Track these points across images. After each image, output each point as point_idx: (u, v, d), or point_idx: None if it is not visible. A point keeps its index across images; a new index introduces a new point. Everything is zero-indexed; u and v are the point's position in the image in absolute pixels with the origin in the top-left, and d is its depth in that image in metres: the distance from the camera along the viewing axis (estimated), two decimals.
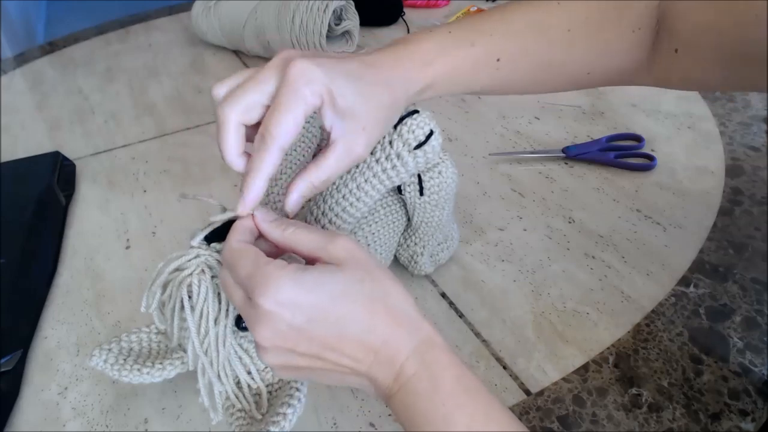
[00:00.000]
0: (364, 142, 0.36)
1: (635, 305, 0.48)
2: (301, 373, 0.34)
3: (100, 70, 0.97)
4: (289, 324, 0.31)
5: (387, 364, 0.32)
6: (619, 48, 0.42)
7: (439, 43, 0.40)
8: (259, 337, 0.32)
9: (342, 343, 0.31)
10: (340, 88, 0.34)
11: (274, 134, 0.33)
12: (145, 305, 0.38)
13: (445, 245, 0.51)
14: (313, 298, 0.31)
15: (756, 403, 0.40)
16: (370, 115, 0.36)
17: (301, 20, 0.82)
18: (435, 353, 0.32)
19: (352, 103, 0.35)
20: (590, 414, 0.41)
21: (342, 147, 0.36)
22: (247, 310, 0.33)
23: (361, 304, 0.32)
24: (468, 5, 1.04)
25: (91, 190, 0.69)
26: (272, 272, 0.31)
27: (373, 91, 0.36)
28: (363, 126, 0.36)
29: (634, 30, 0.42)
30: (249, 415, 0.39)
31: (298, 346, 0.32)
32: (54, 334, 0.51)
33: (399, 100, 0.39)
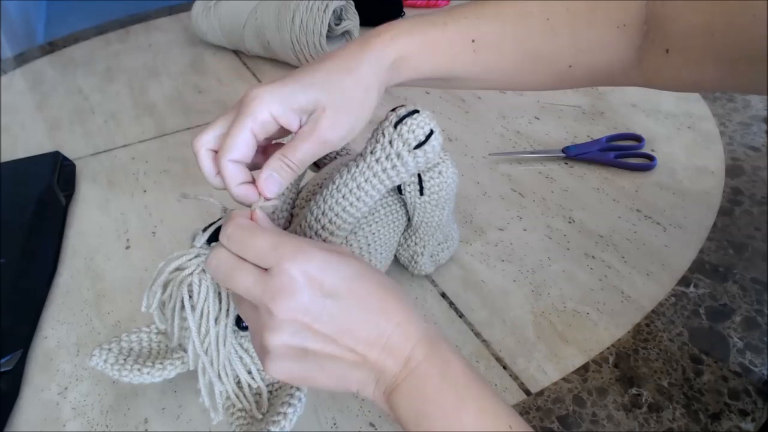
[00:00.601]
0: (328, 124, 0.37)
1: (635, 305, 0.48)
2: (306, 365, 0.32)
3: (100, 70, 0.97)
4: (313, 297, 0.31)
5: (397, 350, 0.32)
6: (603, 43, 0.42)
7: (411, 23, 0.41)
8: (281, 307, 0.31)
9: (359, 325, 0.32)
10: (292, 92, 0.37)
11: (223, 149, 0.36)
12: (146, 305, 0.38)
13: (445, 245, 0.51)
14: (338, 277, 0.32)
15: (756, 403, 0.40)
16: (332, 99, 0.37)
17: (301, 20, 0.82)
18: (441, 343, 0.33)
19: (306, 97, 0.37)
20: (590, 414, 0.41)
21: (306, 129, 0.37)
22: (262, 283, 0.31)
23: (376, 289, 0.33)
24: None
25: (91, 190, 0.69)
26: (303, 243, 0.32)
27: (332, 80, 0.38)
28: (323, 108, 0.37)
29: (618, 26, 0.41)
30: (249, 415, 0.39)
31: (315, 322, 0.31)
32: (54, 334, 0.51)
33: (364, 80, 0.39)
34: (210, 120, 0.42)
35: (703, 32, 0.38)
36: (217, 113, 0.82)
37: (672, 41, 0.40)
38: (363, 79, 0.39)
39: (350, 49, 0.40)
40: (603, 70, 0.43)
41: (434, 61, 0.42)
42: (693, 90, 0.63)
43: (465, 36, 0.42)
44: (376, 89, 0.40)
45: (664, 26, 0.40)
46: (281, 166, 0.37)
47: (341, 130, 0.38)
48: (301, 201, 0.49)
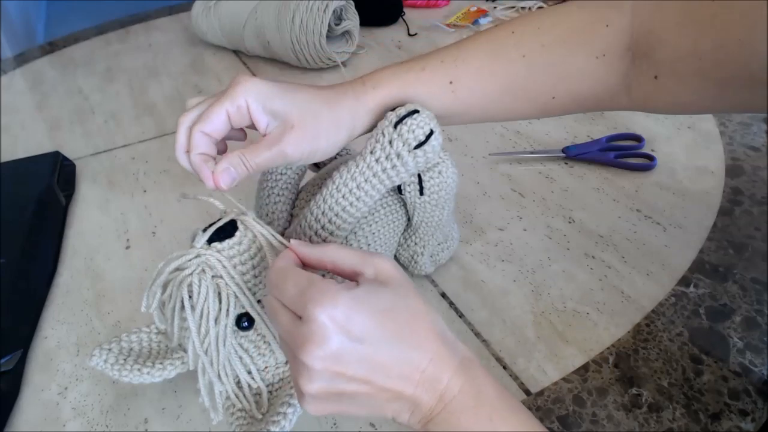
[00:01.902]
0: (292, 142, 0.39)
1: (635, 305, 0.48)
2: (342, 404, 0.32)
3: (100, 70, 0.97)
4: (342, 342, 0.30)
5: (432, 384, 0.31)
6: (584, 74, 0.42)
7: (391, 71, 0.43)
8: (310, 356, 0.30)
9: (391, 363, 0.31)
10: (273, 94, 0.39)
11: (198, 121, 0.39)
12: (146, 305, 0.38)
13: (445, 245, 0.51)
14: (365, 316, 0.31)
15: (756, 403, 0.40)
16: (304, 120, 0.39)
17: (301, 20, 0.82)
18: (476, 371, 0.32)
19: (283, 107, 0.39)
20: (590, 414, 0.41)
21: (270, 138, 0.39)
22: (295, 331, 0.31)
23: (407, 322, 0.32)
24: (468, 5, 1.04)
25: (91, 190, 0.69)
26: (329, 287, 0.31)
27: (311, 105, 0.40)
28: (292, 125, 0.39)
29: (597, 56, 0.41)
30: (249, 415, 0.39)
31: (348, 369, 0.31)
32: (54, 334, 0.51)
33: (339, 118, 0.41)
34: None
35: (691, 56, 0.37)
36: None
37: (660, 67, 0.39)
38: (338, 116, 0.41)
39: (339, 89, 0.43)
40: (589, 98, 0.43)
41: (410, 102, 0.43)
42: (686, 112, 0.62)
43: (442, 78, 0.43)
44: (347, 129, 0.42)
45: (651, 52, 0.39)
46: (239, 163, 0.39)
47: (301, 151, 0.40)
48: (301, 201, 0.49)
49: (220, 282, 0.36)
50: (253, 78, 0.39)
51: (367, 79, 0.43)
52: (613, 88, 0.42)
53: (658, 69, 0.39)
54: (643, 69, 0.40)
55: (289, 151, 0.39)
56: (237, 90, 0.39)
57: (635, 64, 0.41)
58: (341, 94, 0.42)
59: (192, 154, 0.39)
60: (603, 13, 0.41)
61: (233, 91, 0.39)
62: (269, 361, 0.40)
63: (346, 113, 0.42)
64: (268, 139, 0.39)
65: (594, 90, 0.43)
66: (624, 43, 0.40)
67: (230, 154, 0.39)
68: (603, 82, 0.42)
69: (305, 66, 0.88)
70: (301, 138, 0.39)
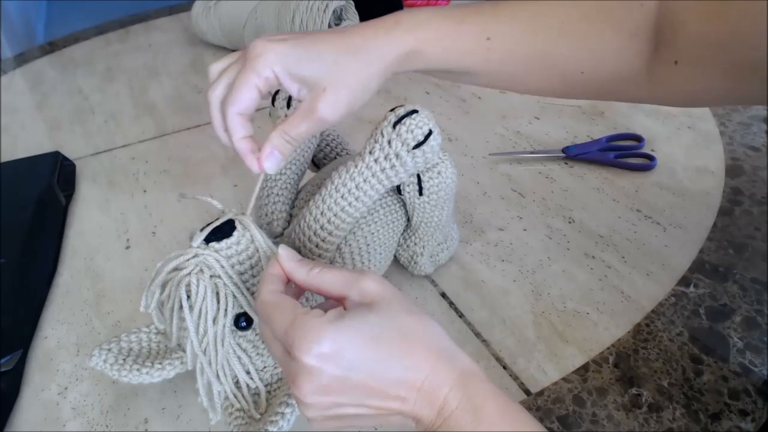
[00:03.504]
0: (328, 105, 0.38)
1: (635, 305, 0.48)
2: (345, 422, 0.32)
3: (100, 70, 0.97)
4: (332, 376, 0.30)
5: (430, 400, 0.31)
6: (615, 50, 0.41)
7: (427, 15, 0.41)
8: (302, 392, 0.31)
9: (385, 386, 0.31)
10: (297, 59, 0.38)
11: (229, 101, 0.39)
12: (144, 305, 0.38)
13: (445, 245, 0.51)
14: (353, 345, 0.30)
15: (756, 403, 0.40)
16: (334, 79, 0.38)
17: (301, 20, 0.82)
18: (475, 384, 0.32)
19: (310, 71, 0.38)
20: (590, 414, 0.41)
21: (305, 107, 0.38)
22: (287, 363, 0.32)
23: (398, 343, 0.31)
24: None
25: (91, 190, 0.69)
26: (311, 325, 0.31)
27: (339, 61, 0.38)
28: (324, 88, 0.38)
29: (631, 36, 0.40)
30: (248, 415, 0.39)
31: (341, 397, 0.31)
32: (54, 334, 0.51)
33: (371, 65, 0.39)
34: (210, 120, 0.42)
35: (711, 42, 0.37)
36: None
37: (681, 52, 0.39)
38: (370, 64, 0.39)
39: (364, 31, 0.40)
40: (614, 79, 0.42)
41: (446, 56, 0.42)
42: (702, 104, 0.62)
43: (480, 33, 0.41)
44: (380, 76, 0.40)
45: (673, 36, 0.39)
46: (282, 143, 0.39)
47: (339, 111, 0.39)
48: (300, 201, 0.49)
49: (218, 282, 0.36)
50: (272, 44, 0.38)
51: (401, 19, 0.41)
52: (637, 71, 0.41)
53: (679, 54, 0.39)
54: (665, 54, 0.40)
55: (326, 115, 0.38)
56: (260, 63, 0.37)
57: (658, 49, 0.40)
58: (370, 39, 0.40)
59: (233, 138, 0.39)
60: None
61: (256, 64, 0.38)
62: (267, 361, 0.40)
63: (379, 61, 0.40)
64: (303, 108, 0.39)
65: (620, 71, 0.42)
66: (652, 25, 0.40)
67: (272, 136, 0.39)
68: (629, 63, 0.41)
69: None
70: (335, 99, 0.38)
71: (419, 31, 0.40)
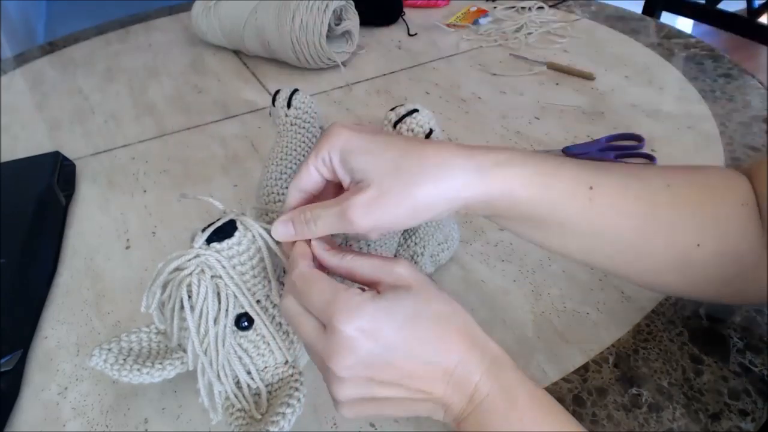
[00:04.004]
0: (359, 206, 0.33)
1: (635, 305, 0.48)
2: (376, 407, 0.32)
3: (100, 70, 0.97)
4: (371, 351, 0.30)
5: (462, 386, 0.31)
6: (731, 219, 0.36)
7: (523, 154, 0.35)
8: (339, 366, 0.30)
9: (420, 367, 0.31)
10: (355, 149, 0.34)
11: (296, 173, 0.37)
12: (145, 305, 0.38)
13: (445, 245, 0.51)
14: (391, 324, 0.31)
15: (756, 403, 0.40)
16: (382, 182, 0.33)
17: (301, 20, 0.82)
18: (506, 372, 0.32)
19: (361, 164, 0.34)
20: (590, 414, 0.41)
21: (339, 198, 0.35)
22: (321, 339, 0.32)
23: (434, 326, 0.32)
24: (468, 5, 1.04)
25: (91, 190, 0.69)
26: (353, 298, 0.31)
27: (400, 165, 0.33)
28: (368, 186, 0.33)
29: (742, 204, 0.36)
30: (248, 415, 0.39)
31: (378, 374, 0.31)
32: (54, 334, 0.51)
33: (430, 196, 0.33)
34: (210, 120, 0.42)
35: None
36: (217, 113, 0.83)
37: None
38: (435, 184, 0.33)
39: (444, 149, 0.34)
40: (732, 256, 0.36)
41: (540, 198, 0.34)
42: None
43: (581, 180, 0.35)
44: (443, 206, 0.34)
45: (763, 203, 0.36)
46: (300, 219, 0.36)
47: (372, 218, 0.33)
48: None
49: (220, 282, 0.36)
50: (342, 128, 0.35)
51: (491, 150, 0.34)
52: (755, 245, 0.36)
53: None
54: None
55: (354, 216, 0.33)
56: (323, 142, 0.35)
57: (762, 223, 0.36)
58: (450, 156, 0.33)
59: (285, 206, 0.38)
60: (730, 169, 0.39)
61: (320, 144, 0.35)
62: (268, 362, 0.40)
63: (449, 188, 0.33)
64: (338, 198, 0.34)
65: (739, 247, 0.36)
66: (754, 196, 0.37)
67: (298, 210, 0.36)
68: (748, 237, 0.36)
69: (305, 66, 0.88)
70: (373, 204, 0.33)
71: (510, 168, 0.34)
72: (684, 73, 0.79)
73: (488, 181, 0.33)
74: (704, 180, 0.38)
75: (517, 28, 0.95)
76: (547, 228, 0.36)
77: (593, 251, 0.37)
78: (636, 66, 0.82)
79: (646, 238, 0.36)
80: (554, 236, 0.37)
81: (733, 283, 0.37)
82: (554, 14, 0.99)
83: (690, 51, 0.84)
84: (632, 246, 0.36)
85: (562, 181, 0.35)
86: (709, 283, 0.37)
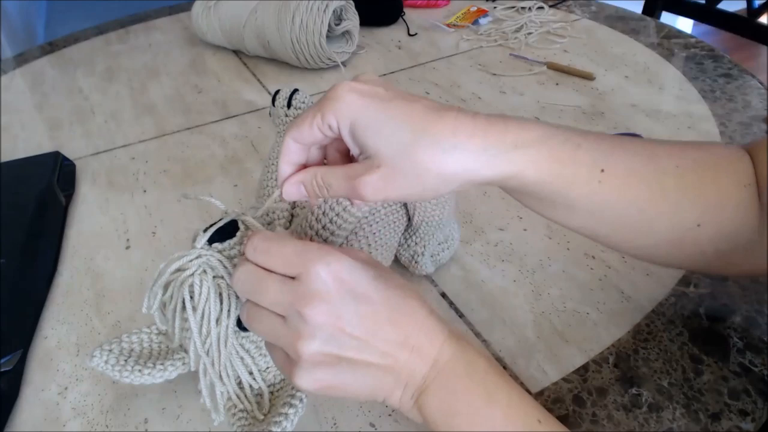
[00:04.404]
0: (372, 184, 0.33)
1: (635, 305, 0.48)
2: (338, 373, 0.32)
3: (100, 70, 0.97)
4: (344, 299, 0.31)
5: (425, 349, 0.32)
6: (733, 200, 0.37)
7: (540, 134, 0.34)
8: (313, 311, 0.30)
9: (387, 327, 0.32)
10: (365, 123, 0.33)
11: (290, 126, 0.36)
12: (147, 306, 0.38)
13: (445, 245, 0.51)
14: (365, 278, 0.32)
15: (756, 403, 0.40)
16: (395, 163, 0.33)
17: (301, 20, 0.82)
18: (464, 341, 0.34)
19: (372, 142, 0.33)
20: (590, 414, 0.41)
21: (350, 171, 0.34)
22: (291, 291, 0.31)
23: (400, 291, 0.33)
24: (468, 5, 1.04)
25: (91, 190, 0.69)
26: (328, 248, 0.32)
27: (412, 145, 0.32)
28: (378, 165, 0.33)
29: (745, 185, 0.37)
30: (251, 416, 0.39)
31: (348, 326, 0.31)
32: (54, 334, 0.51)
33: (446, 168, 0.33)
34: (210, 120, 0.42)
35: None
36: (217, 113, 0.83)
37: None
38: (447, 169, 0.33)
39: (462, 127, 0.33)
40: (729, 236, 0.37)
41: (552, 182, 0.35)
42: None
43: (595, 163, 0.35)
44: (455, 183, 0.34)
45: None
46: (312, 183, 0.36)
47: (382, 195, 0.34)
48: (302, 201, 0.49)
49: (222, 282, 0.36)
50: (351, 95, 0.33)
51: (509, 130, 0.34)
52: (753, 229, 0.37)
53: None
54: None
55: (365, 192, 0.33)
56: (329, 107, 0.33)
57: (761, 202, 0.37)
58: (464, 139, 0.33)
59: (280, 159, 0.36)
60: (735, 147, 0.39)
61: (326, 107, 0.33)
62: (270, 362, 0.40)
63: (463, 169, 0.33)
64: (349, 169, 0.34)
65: (737, 227, 0.37)
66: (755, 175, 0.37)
67: (308, 170, 0.36)
68: (746, 217, 0.37)
69: (305, 66, 0.88)
70: (383, 184, 0.33)
71: (526, 150, 0.34)
72: (684, 73, 0.79)
73: (501, 164, 0.33)
74: (711, 159, 0.38)
75: (517, 28, 0.95)
76: (553, 206, 0.37)
77: (595, 227, 0.38)
78: (636, 66, 0.82)
79: (649, 219, 0.37)
80: (559, 212, 0.38)
81: (725, 257, 0.38)
82: (554, 14, 0.99)
83: (690, 51, 0.84)
84: (634, 225, 0.37)
85: (575, 165, 0.35)
86: (702, 257, 0.38)
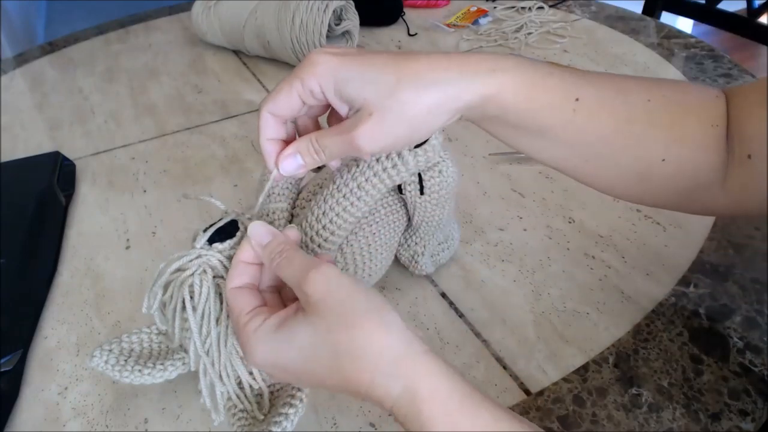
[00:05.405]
0: (367, 133, 0.34)
1: (635, 305, 0.48)
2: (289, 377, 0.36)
3: (100, 70, 0.97)
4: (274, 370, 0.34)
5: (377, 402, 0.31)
6: (699, 140, 0.37)
7: (515, 60, 0.36)
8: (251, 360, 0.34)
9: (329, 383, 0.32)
10: (348, 77, 0.34)
11: (266, 99, 0.36)
12: (147, 306, 0.38)
13: (445, 245, 0.51)
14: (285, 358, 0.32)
15: (756, 403, 0.40)
16: (384, 108, 0.34)
17: (301, 20, 0.82)
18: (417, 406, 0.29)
19: (359, 93, 0.34)
20: (590, 414, 0.41)
21: (343, 126, 0.35)
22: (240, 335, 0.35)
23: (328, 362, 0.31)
24: (468, 5, 1.04)
25: (91, 190, 0.69)
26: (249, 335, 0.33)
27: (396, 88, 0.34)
28: (370, 113, 0.34)
29: (713, 125, 0.37)
30: (251, 416, 0.39)
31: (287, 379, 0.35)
32: (54, 334, 0.51)
33: (433, 101, 0.35)
34: (210, 120, 0.42)
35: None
36: (217, 113, 0.83)
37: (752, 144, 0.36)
38: (432, 100, 0.34)
39: (435, 61, 0.35)
40: (692, 175, 0.38)
41: (527, 107, 0.36)
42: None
43: (568, 91, 0.36)
44: (445, 116, 0.36)
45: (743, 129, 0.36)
46: (308, 149, 0.36)
47: (378, 144, 0.35)
48: (302, 201, 0.49)
49: (222, 282, 0.37)
50: (328, 56, 0.34)
51: (484, 57, 0.36)
52: (715, 169, 0.37)
53: (751, 146, 0.36)
54: (737, 150, 0.37)
55: (362, 144, 0.35)
56: (308, 71, 0.34)
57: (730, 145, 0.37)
58: (441, 71, 0.34)
59: (260, 137, 0.37)
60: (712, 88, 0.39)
61: (304, 72, 0.35)
62: None
63: (445, 98, 0.35)
64: (342, 126, 0.35)
65: (699, 165, 0.37)
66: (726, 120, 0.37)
67: (301, 139, 0.36)
68: (710, 158, 0.37)
69: None
70: (378, 130, 0.34)
71: (503, 74, 0.35)
72: (684, 73, 0.79)
73: (480, 87, 0.35)
74: (682, 99, 0.38)
75: (517, 28, 0.95)
76: (528, 134, 0.38)
77: (565, 159, 0.39)
78: (636, 66, 0.82)
79: (615, 150, 0.38)
80: (534, 142, 0.39)
81: (689, 196, 0.39)
82: (554, 14, 0.99)
83: (690, 51, 0.84)
84: (600, 156, 0.38)
85: (551, 92, 0.36)
86: (665, 193, 0.39)
